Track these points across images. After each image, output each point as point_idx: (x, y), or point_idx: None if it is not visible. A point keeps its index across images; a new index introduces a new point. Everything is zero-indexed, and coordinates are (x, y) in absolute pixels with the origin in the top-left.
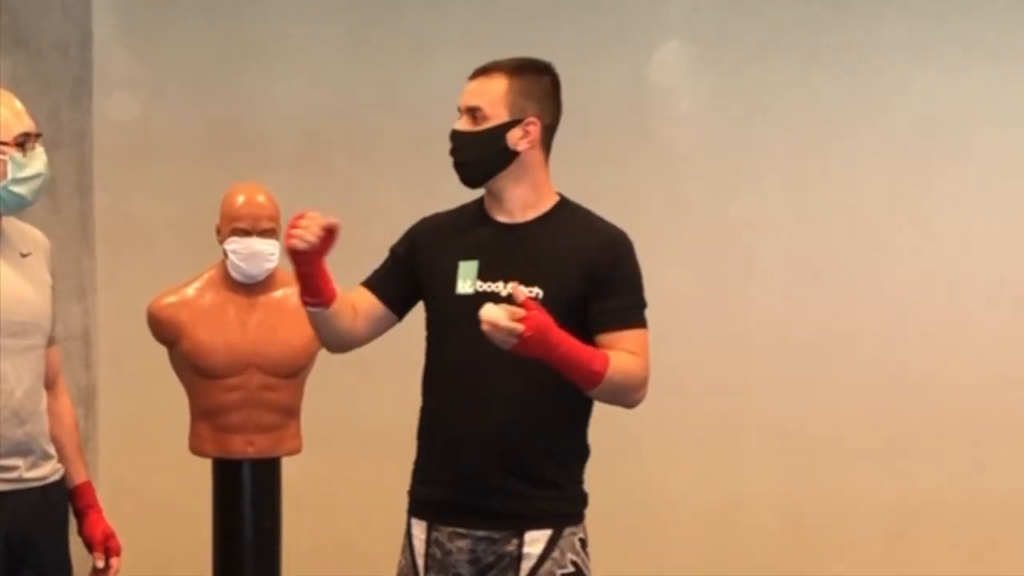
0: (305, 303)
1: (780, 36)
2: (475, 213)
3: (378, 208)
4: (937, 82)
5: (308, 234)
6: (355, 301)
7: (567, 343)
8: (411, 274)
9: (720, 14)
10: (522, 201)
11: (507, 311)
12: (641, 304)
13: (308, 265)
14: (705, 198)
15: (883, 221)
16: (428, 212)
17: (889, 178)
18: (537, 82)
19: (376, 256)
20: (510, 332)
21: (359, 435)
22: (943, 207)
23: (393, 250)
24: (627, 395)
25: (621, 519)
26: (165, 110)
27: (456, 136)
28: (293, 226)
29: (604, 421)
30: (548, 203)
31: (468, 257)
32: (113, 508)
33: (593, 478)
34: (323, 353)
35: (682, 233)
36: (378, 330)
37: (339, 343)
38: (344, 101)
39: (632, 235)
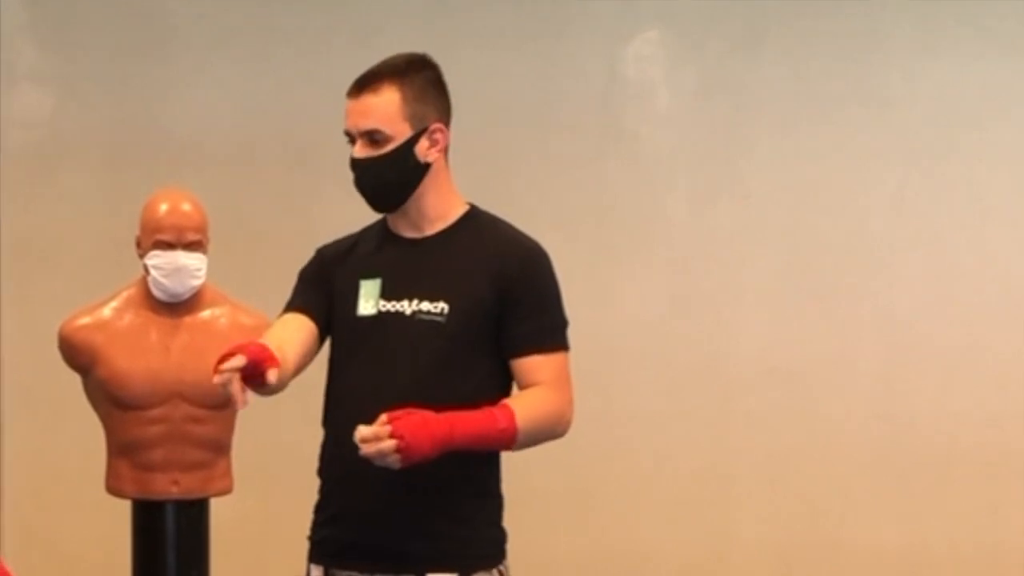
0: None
1: (770, 24)
2: (379, 231)
3: (317, 217)
4: (948, 74)
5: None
6: (281, 339)
7: (458, 419)
8: (329, 292)
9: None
10: (431, 213)
11: (373, 431)
12: (558, 324)
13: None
14: (686, 206)
15: (887, 232)
16: (372, 221)
17: (894, 183)
18: (427, 81)
19: None
20: (382, 453)
21: (295, 474)
22: (955, 215)
23: (304, 272)
24: (549, 434)
25: (592, 573)
26: (79, 108)
27: (359, 165)
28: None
29: (570, 461)
30: (456, 212)
31: (370, 275)
32: (19, 556)
33: (561, 526)
34: None
35: (660, 246)
36: (305, 361)
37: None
38: (279, 97)
39: (604, 248)
